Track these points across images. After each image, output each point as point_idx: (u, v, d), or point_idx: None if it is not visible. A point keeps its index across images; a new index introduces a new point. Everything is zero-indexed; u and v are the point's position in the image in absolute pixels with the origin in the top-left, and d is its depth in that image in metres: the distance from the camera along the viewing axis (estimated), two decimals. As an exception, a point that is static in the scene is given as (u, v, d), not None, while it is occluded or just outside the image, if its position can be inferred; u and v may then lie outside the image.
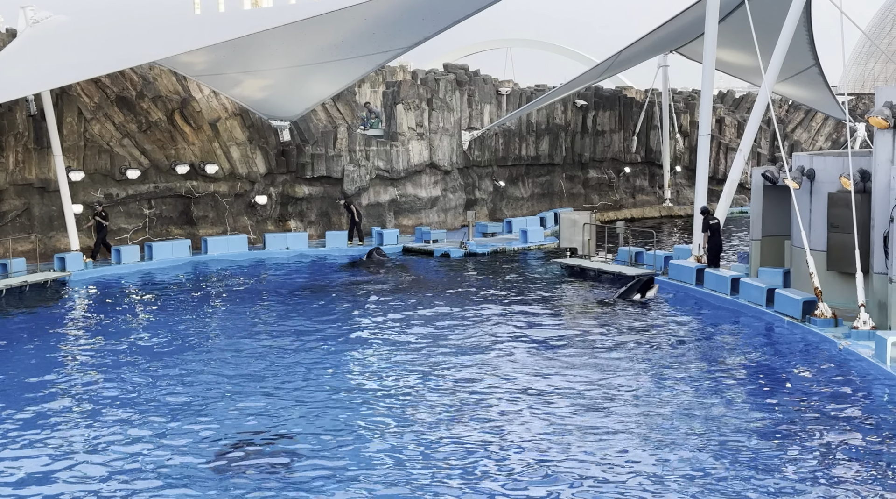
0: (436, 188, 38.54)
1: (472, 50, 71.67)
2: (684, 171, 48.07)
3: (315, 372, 17.81)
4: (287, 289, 26.70)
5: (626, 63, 40.05)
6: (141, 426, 14.65)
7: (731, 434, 14.19)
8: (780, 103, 50.47)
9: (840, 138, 49.88)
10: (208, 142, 32.73)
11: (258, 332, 21.30)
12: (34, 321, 22.61)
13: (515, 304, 24.30)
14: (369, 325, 22.05)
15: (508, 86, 42.05)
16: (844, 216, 21.06)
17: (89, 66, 26.92)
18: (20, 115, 28.72)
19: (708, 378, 17.44)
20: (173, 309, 23.74)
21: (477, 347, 19.77)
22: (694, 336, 21.07)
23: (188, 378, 17.39)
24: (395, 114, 36.96)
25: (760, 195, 25.20)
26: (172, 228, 32.52)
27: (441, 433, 14.33)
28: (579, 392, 16.37)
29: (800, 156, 24.18)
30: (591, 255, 29.85)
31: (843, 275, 21.58)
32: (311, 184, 35.02)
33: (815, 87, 39.68)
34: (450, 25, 27.67)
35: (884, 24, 68.94)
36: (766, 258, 25.09)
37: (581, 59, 67.99)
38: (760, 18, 26.21)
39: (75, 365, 18.55)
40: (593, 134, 45.49)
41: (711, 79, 27.42)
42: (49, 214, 29.53)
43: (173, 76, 32.08)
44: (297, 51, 28.95)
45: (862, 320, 19.37)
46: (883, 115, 19.73)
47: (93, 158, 30.46)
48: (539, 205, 43.00)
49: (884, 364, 17.25)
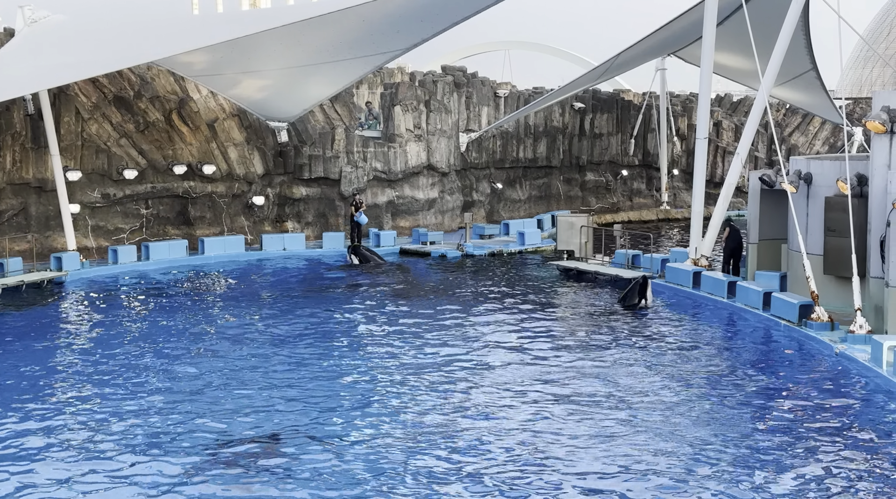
0: (433, 190, 38.54)
1: (470, 52, 71.71)
2: (682, 174, 48.11)
3: (310, 373, 17.80)
4: (283, 290, 26.68)
5: (624, 66, 40.06)
6: (136, 426, 14.63)
7: (726, 438, 14.19)
8: (778, 107, 50.51)
9: (837, 142, 49.91)
10: (206, 142, 32.71)
11: (254, 332, 21.28)
12: (30, 321, 22.58)
13: (512, 306, 24.30)
14: (364, 326, 22.04)
15: (506, 88, 42.05)
16: (841, 220, 21.08)
17: (87, 66, 26.89)
18: (17, 114, 28.69)
19: (702, 382, 17.44)
20: (169, 309, 23.72)
21: (473, 349, 19.76)
22: (689, 340, 21.07)
23: (183, 379, 17.37)
24: (393, 115, 36.96)
25: (757, 199, 25.22)
26: (169, 229, 32.50)
27: (437, 435, 14.32)
28: (572, 396, 16.37)
29: (797, 160, 24.21)
30: (588, 257, 29.85)
31: (840, 279, 21.60)
32: (308, 185, 35.00)
33: (813, 91, 39.71)
34: (448, 27, 27.68)
35: (881, 28, 69.05)
36: (762, 262, 25.11)
37: (579, 62, 68.04)
38: (758, 22, 26.23)
39: (70, 365, 18.52)
40: (591, 137, 45.51)
41: (709, 82, 27.43)
42: (46, 214, 29.50)
43: (171, 76, 32.07)
44: (296, 52, 28.94)
45: (858, 324, 19.39)
46: (880, 119, 19.75)
47: (90, 157, 30.43)
48: (536, 207, 43.01)
49: (880, 368, 17.26)
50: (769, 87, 26.08)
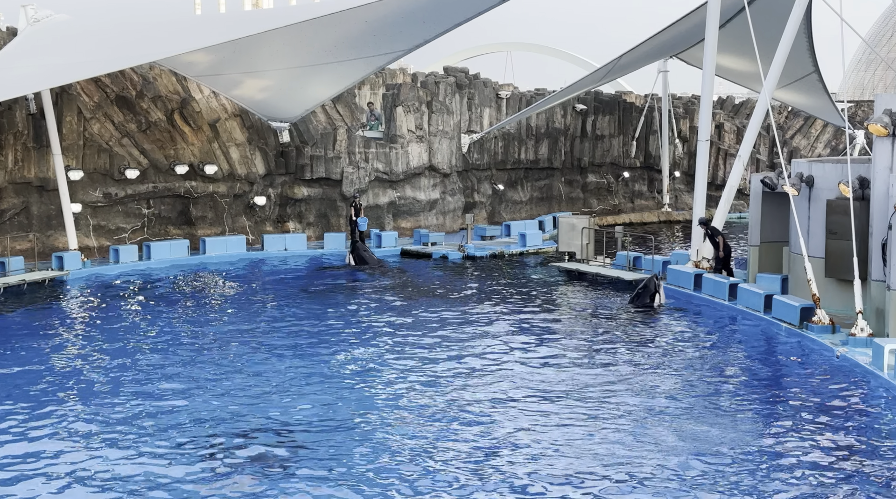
0: (435, 191, 38.54)
1: (472, 53, 71.81)
2: (683, 176, 48.10)
3: (310, 373, 17.79)
4: (284, 290, 26.68)
5: (627, 68, 40.08)
6: (135, 426, 14.64)
7: (726, 441, 14.19)
8: (780, 110, 50.51)
9: (839, 145, 49.91)
10: (208, 142, 32.73)
11: (255, 332, 21.29)
12: (32, 320, 22.59)
13: (513, 307, 24.29)
14: (365, 327, 22.03)
15: (508, 89, 42.05)
16: (843, 223, 21.08)
17: (89, 66, 26.92)
18: (20, 113, 28.72)
19: (703, 384, 17.43)
20: (170, 309, 23.73)
21: (473, 350, 19.75)
22: (690, 342, 21.06)
23: (183, 378, 17.38)
24: (395, 116, 36.97)
25: (759, 201, 25.22)
26: (171, 229, 32.52)
27: (436, 438, 14.32)
28: (575, 395, 16.37)
29: (799, 162, 24.21)
30: (589, 259, 29.85)
31: (841, 282, 21.60)
32: (309, 185, 35.02)
33: (815, 94, 39.72)
34: (450, 28, 27.68)
35: (884, 31, 69.07)
36: (764, 264, 25.11)
37: (581, 64, 68.11)
38: (761, 25, 26.24)
39: (71, 364, 18.51)
40: (593, 138, 45.51)
41: (711, 84, 27.44)
42: (48, 213, 29.52)
43: (173, 76, 32.09)
44: (298, 52, 28.96)
45: (859, 328, 19.38)
46: (882, 122, 19.75)
47: (92, 157, 30.45)
48: (538, 209, 43.01)
49: (881, 371, 17.25)
50: (771, 89, 26.09)
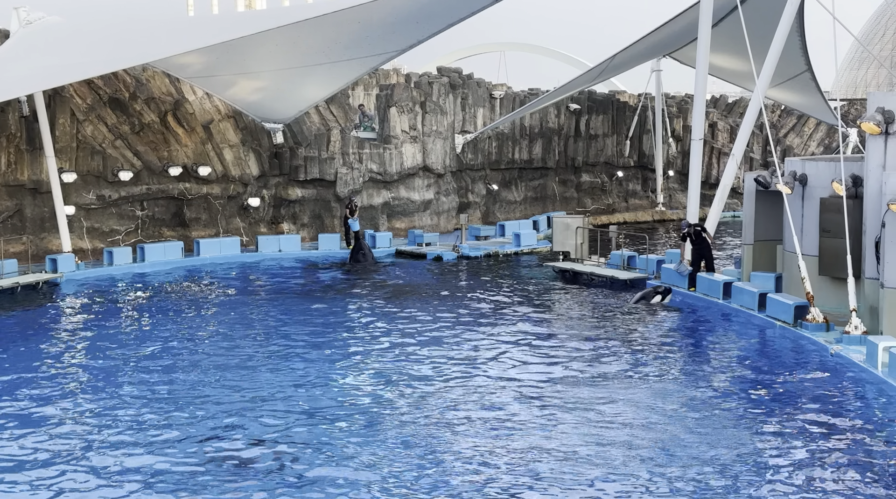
0: (429, 191, 38.54)
1: (465, 53, 71.84)
2: (677, 175, 48.17)
3: (305, 375, 17.78)
4: (278, 291, 26.67)
5: (620, 67, 40.11)
6: (129, 429, 14.62)
7: (721, 438, 14.20)
8: (773, 108, 50.56)
9: (832, 144, 49.97)
10: (201, 144, 32.70)
11: (249, 335, 21.28)
12: (25, 323, 22.55)
13: (507, 307, 24.30)
14: (360, 328, 22.03)
15: (502, 89, 42.06)
16: (836, 221, 21.11)
17: (82, 68, 26.88)
18: (13, 116, 28.65)
19: (698, 382, 17.45)
20: (164, 311, 23.70)
21: (468, 350, 19.76)
22: (685, 340, 21.09)
23: (177, 381, 17.35)
24: (389, 117, 36.96)
25: (753, 200, 25.24)
26: (165, 230, 32.47)
27: (434, 439, 14.32)
28: (569, 396, 16.37)
29: (792, 161, 24.23)
30: (583, 258, 29.87)
31: (835, 280, 21.62)
32: (303, 186, 35.00)
33: (808, 93, 39.78)
34: (443, 29, 27.70)
35: (876, 29, 69.22)
36: (758, 263, 25.13)
37: (574, 64, 68.16)
38: (753, 23, 26.27)
39: (65, 367, 18.49)
40: (586, 138, 45.55)
41: (704, 83, 27.45)
42: (41, 216, 29.44)
43: (166, 78, 32.05)
44: (291, 53, 28.93)
45: (853, 325, 19.42)
46: (875, 120, 19.78)
47: (85, 159, 30.39)
48: (532, 208, 43.03)
49: (875, 369, 17.29)
50: (764, 88, 26.11)
